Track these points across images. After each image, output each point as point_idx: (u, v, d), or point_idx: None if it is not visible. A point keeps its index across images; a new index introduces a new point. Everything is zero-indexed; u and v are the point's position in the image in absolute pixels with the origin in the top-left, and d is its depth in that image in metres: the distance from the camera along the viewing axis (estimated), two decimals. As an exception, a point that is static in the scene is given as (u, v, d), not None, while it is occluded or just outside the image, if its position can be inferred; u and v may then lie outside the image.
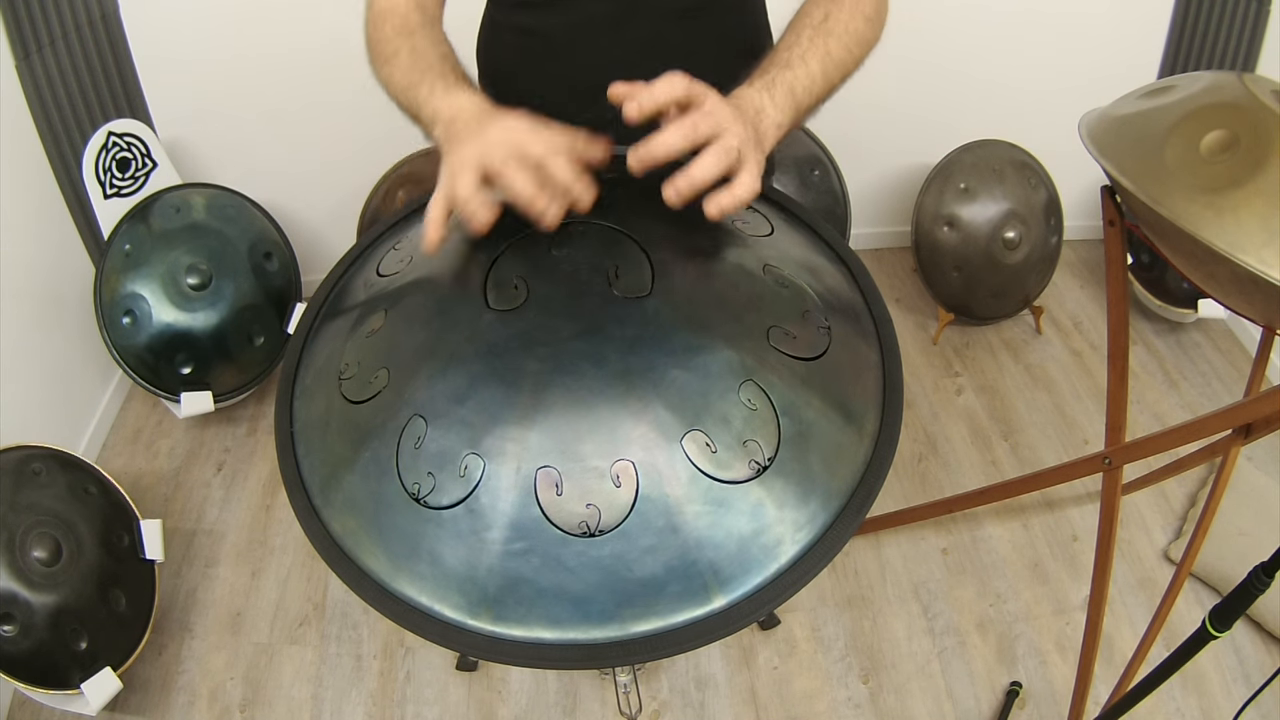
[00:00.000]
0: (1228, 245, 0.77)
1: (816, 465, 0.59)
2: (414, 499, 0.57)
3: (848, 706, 1.51)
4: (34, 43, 1.74)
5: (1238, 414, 1.03)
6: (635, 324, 0.60)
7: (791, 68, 0.73)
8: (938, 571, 1.71)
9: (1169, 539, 1.74)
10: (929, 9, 2.01)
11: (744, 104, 0.69)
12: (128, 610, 1.48)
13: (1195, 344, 2.19)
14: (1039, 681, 1.53)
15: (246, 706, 1.54)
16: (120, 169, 1.82)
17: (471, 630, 0.56)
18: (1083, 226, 2.44)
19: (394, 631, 1.63)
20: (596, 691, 1.54)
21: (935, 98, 2.18)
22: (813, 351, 0.63)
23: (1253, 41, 2.10)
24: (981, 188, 2.05)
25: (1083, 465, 1.31)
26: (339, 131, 1.99)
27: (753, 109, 0.69)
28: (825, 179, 2.11)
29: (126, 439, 2.02)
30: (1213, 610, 0.98)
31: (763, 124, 0.69)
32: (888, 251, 2.50)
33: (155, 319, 1.82)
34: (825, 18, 0.78)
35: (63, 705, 1.39)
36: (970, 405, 2.05)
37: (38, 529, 1.39)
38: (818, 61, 0.74)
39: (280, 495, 1.87)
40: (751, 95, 0.70)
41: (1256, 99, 0.84)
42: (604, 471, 0.55)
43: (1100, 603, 1.27)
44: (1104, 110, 0.98)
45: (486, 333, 0.61)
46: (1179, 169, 0.83)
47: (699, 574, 0.55)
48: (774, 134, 0.70)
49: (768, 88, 0.71)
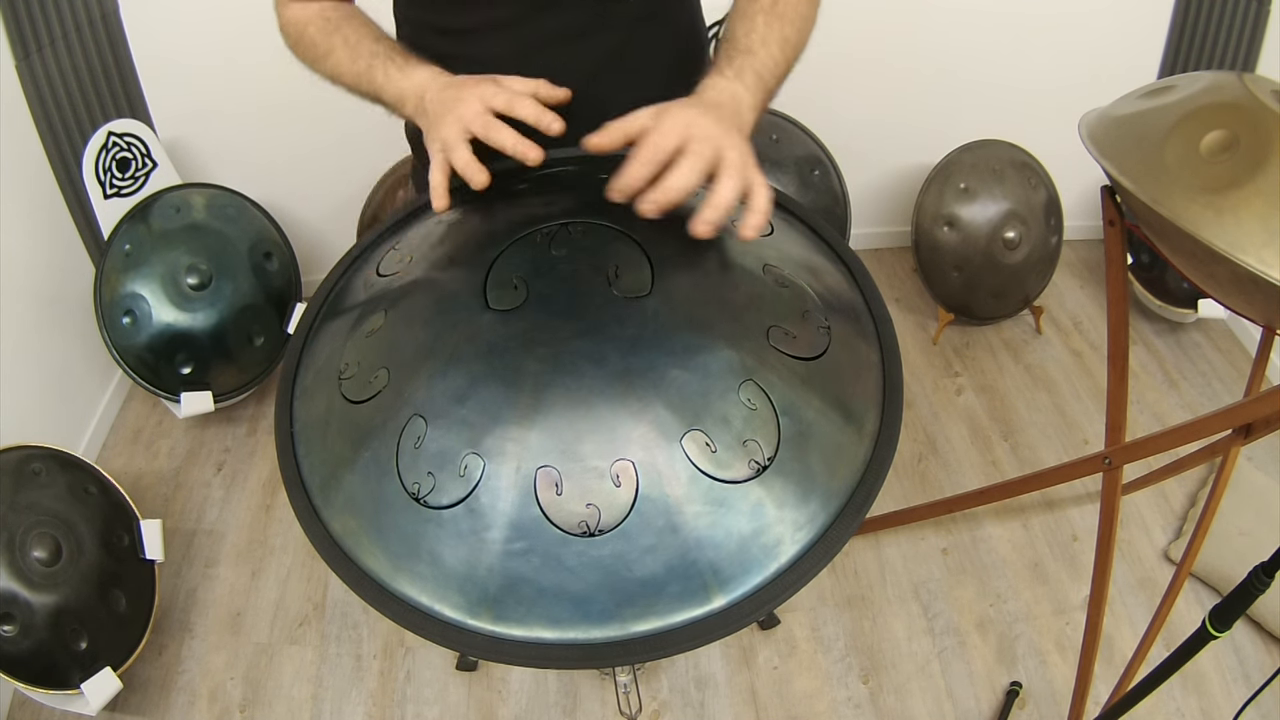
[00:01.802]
0: (1228, 245, 0.77)
1: (816, 465, 0.59)
2: (414, 499, 0.57)
3: (848, 706, 1.51)
4: (34, 43, 1.74)
5: (1238, 414, 1.03)
6: (635, 324, 0.60)
7: (754, 53, 0.75)
8: (938, 571, 1.71)
9: (1169, 539, 1.74)
10: (929, 9, 2.02)
11: (721, 96, 0.71)
12: (128, 610, 1.48)
13: (1195, 344, 2.19)
14: (1039, 681, 1.53)
15: (246, 706, 1.54)
16: (120, 169, 1.82)
17: (471, 630, 0.56)
18: (1083, 226, 2.44)
19: (394, 631, 1.63)
20: (596, 691, 1.54)
21: (935, 98, 2.18)
22: (813, 351, 0.63)
23: (1253, 41, 2.10)
24: (981, 188, 2.05)
25: (1083, 465, 1.31)
26: (339, 132, 1.99)
27: (730, 98, 0.71)
28: (825, 179, 2.11)
29: (126, 439, 2.02)
30: (1213, 610, 0.98)
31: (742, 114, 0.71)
32: (888, 251, 2.50)
33: (155, 319, 1.82)
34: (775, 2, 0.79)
35: (63, 705, 1.39)
36: (970, 405, 2.05)
37: (38, 529, 1.39)
38: (777, 45, 0.77)
39: (280, 495, 1.87)
40: (724, 85, 0.72)
41: (1256, 99, 0.84)
42: (604, 471, 0.55)
43: (1100, 603, 1.27)
44: (1104, 110, 0.98)
45: (486, 333, 0.61)
46: (1179, 169, 0.83)
47: (699, 574, 0.55)
48: (750, 118, 0.72)
49: (738, 75, 0.73)
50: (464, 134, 0.71)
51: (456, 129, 0.71)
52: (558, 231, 0.66)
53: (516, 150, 0.70)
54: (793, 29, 0.78)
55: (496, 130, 0.71)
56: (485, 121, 0.71)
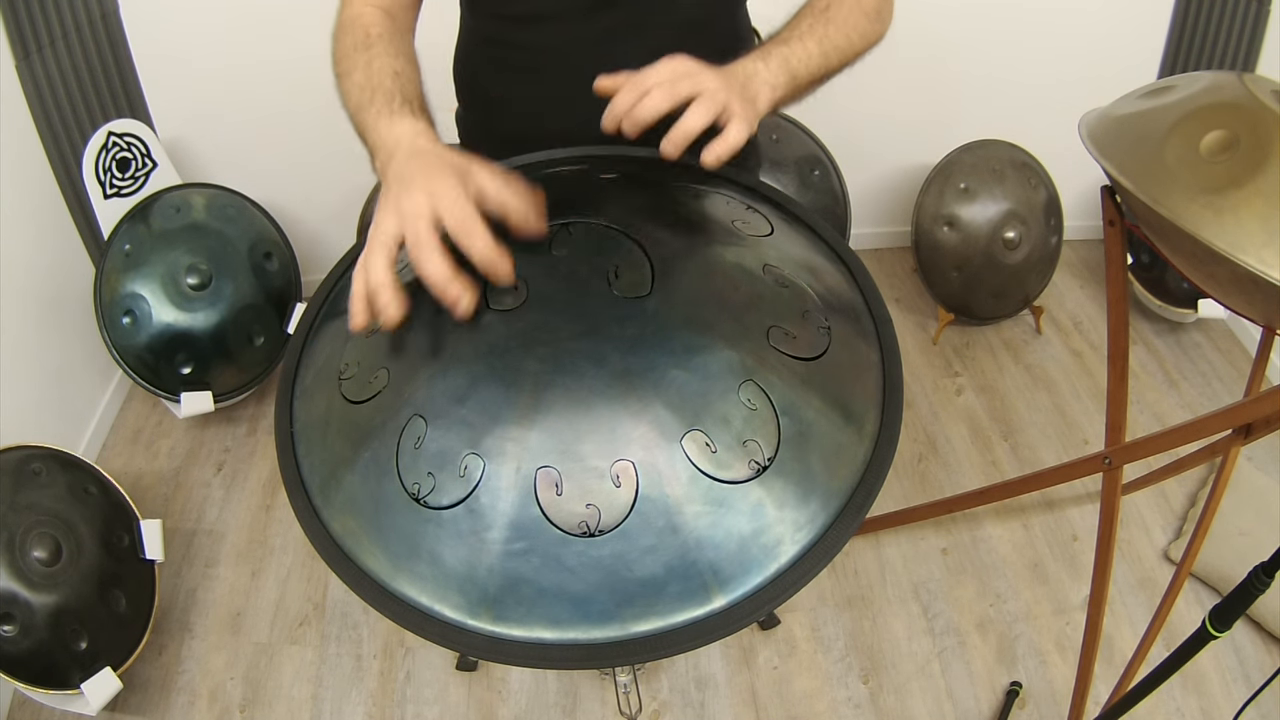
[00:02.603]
0: (1228, 245, 0.77)
1: (816, 465, 0.59)
2: (414, 499, 0.57)
3: (848, 706, 1.51)
4: (34, 43, 1.74)
5: (1238, 414, 1.03)
6: (635, 324, 0.60)
7: (788, 44, 0.76)
8: (938, 571, 1.71)
9: (1169, 539, 1.74)
10: (929, 9, 2.01)
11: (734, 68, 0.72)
12: (128, 610, 1.48)
13: (1195, 344, 2.19)
14: (1039, 681, 1.53)
15: (246, 706, 1.54)
16: (120, 169, 1.82)
17: (471, 630, 0.56)
18: (1083, 226, 2.44)
19: (394, 631, 1.63)
20: (596, 691, 1.54)
21: (935, 98, 2.18)
22: (813, 351, 0.63)
23: (1253, 41, 2.10)
24: (981, 188, 2.05)
25: (1083, 465, 1.31)
26: (339, 131, 1.96)
27: (743, 72, 0.72)
28: (825, 179, 2.11)
29: (126, 439, 2.02)
30: (1213, 610, 0.98)
31: (753, 84, 0.72)
32: (888, 251, 2.50)
33: (155, 319, 1.82)
34: (826, 7, 0.80)
35: (63, 705, 1.39)
36: (970, 405, 2.05)
37: (38, 529, 1.39)
38: (815, 42, 0.77)
39: (280, 495, 1.87)
40: (743, 62, 0.73)
41: (1256, 99, 0.84)
42: (604, 471, 0.55)
43: (1100, 603, 1.27)
44: (1104, 110, 0.98)
45: (486, 333, 0.61)
46: (1179, 169, 0.83)
47: (699, 574, 0.55)
48: (767, 94, 0.73)
49: (761, 57, 0.74)
50: (394, 238, 0.59)
51: (390, 228, 0.59)
52: (558, 231, 0.66)
53: (443, 293, 0.58)
54: (839, 33, 0.79)
55: (425, 255, 0.58)
56: (420, 235, 0.58)
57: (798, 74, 0.76)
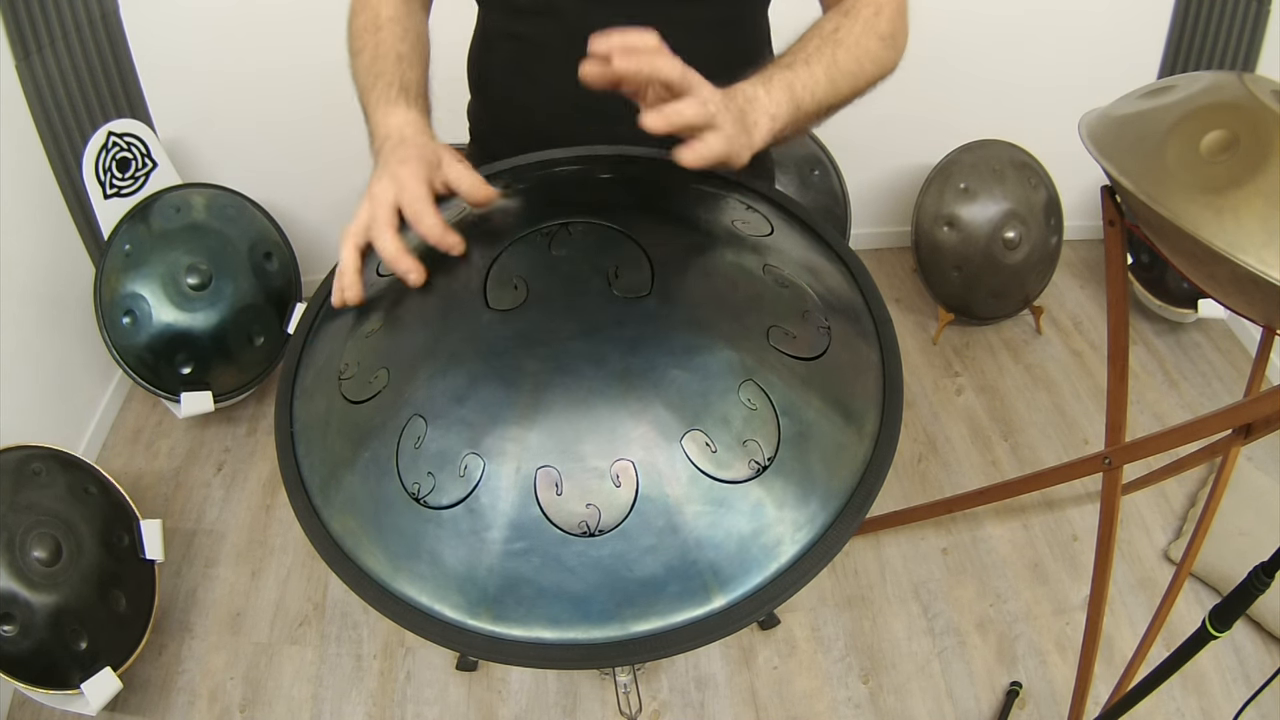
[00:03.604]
0: (1228, 245, 0.77)
1: (816, 465, 0.59)
2: (414, 499, 0.57)
3: (848, 706, 1.51)
4: (34, 43, 1.74)
5: (1238, 414, 1.03)
6: (635, 324, 0.60)
7: (793, 69, 0.72)
8: (938, 571, 1.71)
9: (1169, 539, 1.74)
10: (929, 9, 2.01)
11: (734, 92, 0.68)
12: (128, 610, 1.48)
13: (1195, 344, 2.19)
14: (1039, 681, 1.53)
15: (246, 706, 1.54)
16: (120, 169, 1.82)
17: (471, 630, 0.56)
18: (1083, 226, 2.44)
19: (394, 631, 1.63)
20: (596, 691, 1.54)
21: (935, 98, 2.18)
22: (813, 351, 0.63)
23: (1253, 41, 2.10)
24: (981, 188, 2.05)
25: (1083, 465, 1.31)
26: (339, 131, 1.98)
27: (743, 96, 0.68)
28: (825, 179, 2.11)
29: (126, 439, 2.02)
30: (1213, 610, 0.98)
31: (753, 111, 0.68)
32: (888, 251, 2.50)
33: (155, 319, 1.82)
34: (836, 29, 0.76)
35: (63, 705, 1.39)
36: (970, 405, 2.05)
37: (38, 529, 1.39)
38: (822, 67, 0.73)
39: (280, 495, 1.87)
40: (744, 86, 0.69)
41: (1256, 99, 0.84)
42: (604, 471, 0.55)
43: (1100, 603, 1.27)
44: (1104, 110, 0.98)
45: (486, 333, 0.61)
46: (1179, 169, 0.84)
47: (699, 574, 0.55)
48: (766, 124, 0.69)
49: (764, 82, 0.70)
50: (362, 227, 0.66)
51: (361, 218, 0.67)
52: (558, 231, 0.66)
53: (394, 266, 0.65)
54: (848, 56, 0.75)
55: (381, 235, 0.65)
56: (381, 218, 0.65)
57: (802, 102, 0.71)
